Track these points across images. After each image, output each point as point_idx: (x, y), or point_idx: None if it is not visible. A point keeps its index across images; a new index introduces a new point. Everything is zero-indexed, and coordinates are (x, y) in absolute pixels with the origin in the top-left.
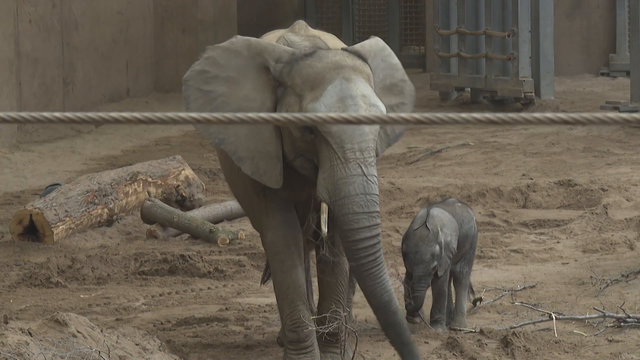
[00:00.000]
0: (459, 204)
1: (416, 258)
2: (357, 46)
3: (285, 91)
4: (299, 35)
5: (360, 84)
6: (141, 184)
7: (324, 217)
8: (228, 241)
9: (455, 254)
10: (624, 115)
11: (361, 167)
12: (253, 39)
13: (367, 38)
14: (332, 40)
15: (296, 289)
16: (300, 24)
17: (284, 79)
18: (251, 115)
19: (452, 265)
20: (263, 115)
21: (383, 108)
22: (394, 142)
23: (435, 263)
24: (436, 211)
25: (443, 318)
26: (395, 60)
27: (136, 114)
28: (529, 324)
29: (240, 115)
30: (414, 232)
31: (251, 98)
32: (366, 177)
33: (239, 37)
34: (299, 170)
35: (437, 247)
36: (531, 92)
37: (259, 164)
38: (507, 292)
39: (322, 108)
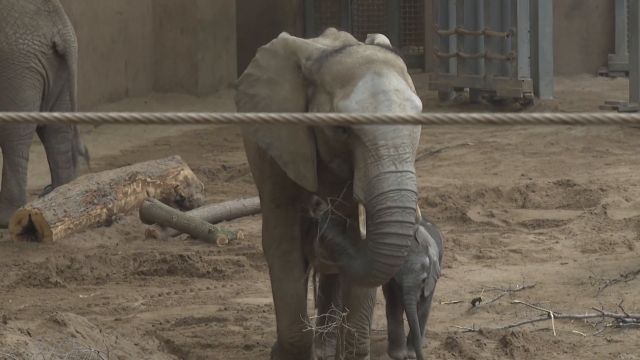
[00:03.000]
0: (429, 223)
1: (406, 267)
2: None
3: (315, 90)
4: (330, 37)
5: (393, 78)
6: (140, 184)
7: (362, 218)
8: (227, 241)
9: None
10: (623, 115)
11: (395, 164)
12: (290, 37)
13: (366, 38)
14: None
15: (298, 300)
16: (331, 30)
17: (314, 77)
18: (250, 115)
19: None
20: (262, 115)
21: (418, 102)
22: None
23: (425, 275)
24: (423, 229)
25: (422, 340)
26: None
27: (135, 114)
28: (527, 322)
29: (239, 115)
30: None
31: (289, 99)
32: (400, 173)
33: (282, 35)
34: (337, 171)
35: (427, 259)
36: (530, 92)
37: (299, 167)
38: (506, 292)
39: (354, 105)
